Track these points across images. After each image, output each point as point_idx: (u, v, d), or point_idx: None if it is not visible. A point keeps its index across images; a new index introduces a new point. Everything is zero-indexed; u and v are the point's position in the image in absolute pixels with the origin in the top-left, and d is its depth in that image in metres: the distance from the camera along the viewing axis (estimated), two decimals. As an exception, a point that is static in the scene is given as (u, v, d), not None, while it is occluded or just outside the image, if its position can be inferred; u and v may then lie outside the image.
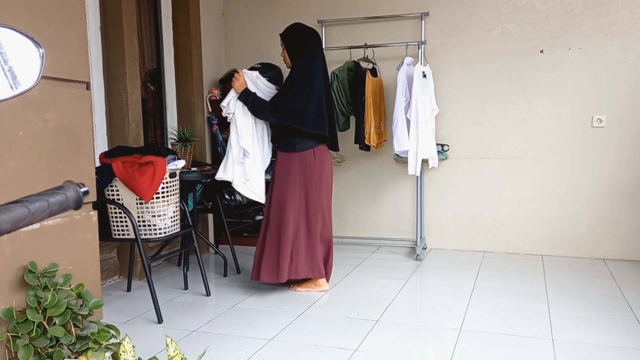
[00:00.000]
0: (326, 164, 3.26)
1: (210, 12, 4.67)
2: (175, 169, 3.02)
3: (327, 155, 3.29)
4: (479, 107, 4.28)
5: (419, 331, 2.72)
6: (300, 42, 3.21)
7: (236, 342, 2.55)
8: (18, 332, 1.79)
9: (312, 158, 3.20)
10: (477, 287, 3.41)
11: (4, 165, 1.85)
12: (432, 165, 4.12)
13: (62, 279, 1.95)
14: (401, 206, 4.55)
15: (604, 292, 3.28)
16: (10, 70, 0.80)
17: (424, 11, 4.29)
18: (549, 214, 4.21)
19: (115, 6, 3.49)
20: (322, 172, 3.22)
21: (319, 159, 3.21)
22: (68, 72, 2.09)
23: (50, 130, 2.01)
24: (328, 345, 2.51)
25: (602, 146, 4.04)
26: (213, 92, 4.58)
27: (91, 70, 3.26)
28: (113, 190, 2.87)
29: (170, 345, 1.71)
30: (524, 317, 2.85)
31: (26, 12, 1.90)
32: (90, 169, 2.24)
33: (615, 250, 4.09)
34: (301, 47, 3.20)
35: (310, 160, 3.19)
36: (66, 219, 2.08)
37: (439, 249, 4.48)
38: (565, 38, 4.05)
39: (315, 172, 3.20)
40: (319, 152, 3.22)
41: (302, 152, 3.19)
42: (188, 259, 3.57)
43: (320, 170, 3.21)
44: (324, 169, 3.24)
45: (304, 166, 3.19)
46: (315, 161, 3.20)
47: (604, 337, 2.57)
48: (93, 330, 1.91)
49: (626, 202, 4.04)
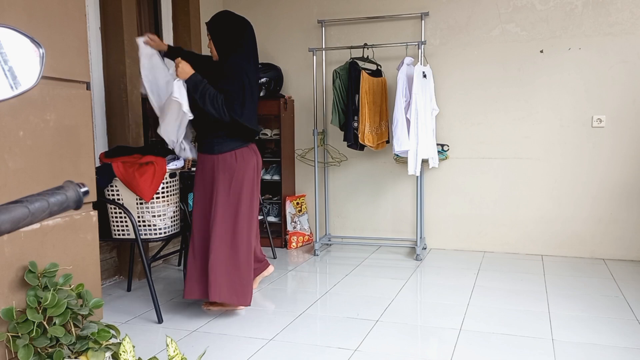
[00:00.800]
0: (248, 167, 2.86)
1: (210, 12, 4.65)
2: (175, 169, 3.02)
3: (250, 157, 2.89)
4: (479, 107, 4.28)
5: (419, 331, 2.72)
6: (233, 34, 2.83)
7: (236, 342, 2.55)
8: (18, 332, 1.79)
9: (233, 161, 2.83)
10: (477, 287, 3.41)
11: (4, 165, 1.85)
12: (432, 165, 4.12)
13: (62, 279, 1.95)
14: (401, 206, 4.55)
15: (604, 292, 3.28)
16: (10, 70, 0.80)
17: (424, 11, 4.29)
18: (549, 214, 4.21)
19: (115, 6, 3.49)
20: (243, 178, 2.84)
21: (240, 162, 2.84)
22: (68, 72, 2.09)
23: (50, 130, 2.01)
24: (328, 345, 2.51)
25: (602, 146, 4.04)
26: (213, 92, 4.58)
27: (91, 70, 3.26)
28: (113, 190, 2.87)
29: (170, 345, 1.71)
30: (524, 317, 2.85)
31: (26, 12, 1.90)
32: (90, 169, 2.24)
33: (615, 250, 4.09)
34: (236, 39, 2.82)
35: (231, 163, 2.83)
36: (66, 219, 2.08)
37: (439, 249, 4.48)
38: (565, 38, 4.05)
39: (235, 177, 2.82)
40: (241, 154, 2.85)
41: (222, 154, 2.83)
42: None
43: (242, 175, 2.84)
44: (246, 173, 2.85)
45: (224, 170, 2.82)
46: (236, 164, 2.83)
47: (604, 337, 2.57)
48: (93, 330, 1.91)
49: (626, 202, 4.04)
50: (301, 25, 4.61)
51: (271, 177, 4.64)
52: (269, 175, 4.66)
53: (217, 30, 2.86)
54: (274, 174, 4.65)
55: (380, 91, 4.19)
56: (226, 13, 2.92)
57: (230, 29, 2.84)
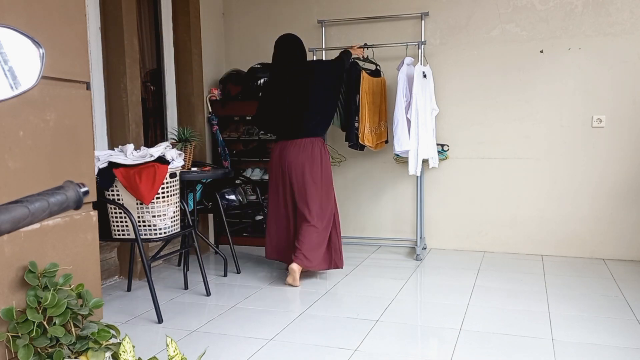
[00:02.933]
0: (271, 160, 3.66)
1: (210, 12, 4.67)
2: (175, 169, 3.02)
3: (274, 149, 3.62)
4: (479, 107, 4.28)
5: (419, 331, 2.72)
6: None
7: (236, 342, 2.55)
8: (18, 332, 1.79)
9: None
10: (477, 287, 3.41)
11: (4, 165, 1.85)
12: (433, 166, 4.12)
13: (62, 279, 1.95)
14: (401, 206, 4.55)
15: (604, 292, 3.28)
16: (10, 70, 0.80)
17: (424, 11, 4.29)
18: (549, 214, 4.21)
19: (115, 6, 3.49)
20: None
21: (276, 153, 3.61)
22: (68, 72, 2.09)
23: (50, 130, 2.01)
24: (328, 345, 2.51)
25: (602, 146, 4.04)
26: (213, 92, 4.59)
27: (91, 70, 3.26)
28: (113, 190, 2.87)
29: (170, 345, 1.71)
30: (524, 317, 2.85)
31: (26, 12, 1.90)
32: (90, 169, 2.23)
33: (615, 250, 4.09)
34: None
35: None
36: (66, 219, 2.08)
37: (439, 249, 4.48)
38: (565, 38, 4.05)
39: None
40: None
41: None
42: (188, 259, 3.57)
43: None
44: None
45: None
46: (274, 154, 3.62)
47: (604, 337, 2.58)
48: (93, 330, 1.91)
49: (626, 202, 4.04)
50: (301, 25, 4.60)
51: (271, 177, 4.64)
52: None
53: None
54: (274, 174, 4.64)
55: (380, 91, 4.19)
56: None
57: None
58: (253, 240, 4.65)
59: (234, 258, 3.88)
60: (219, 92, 4.61)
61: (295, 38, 3.59)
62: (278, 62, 3.59)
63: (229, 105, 4.57)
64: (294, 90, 3.51)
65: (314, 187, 3.48)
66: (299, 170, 3.48)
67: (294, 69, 3.54)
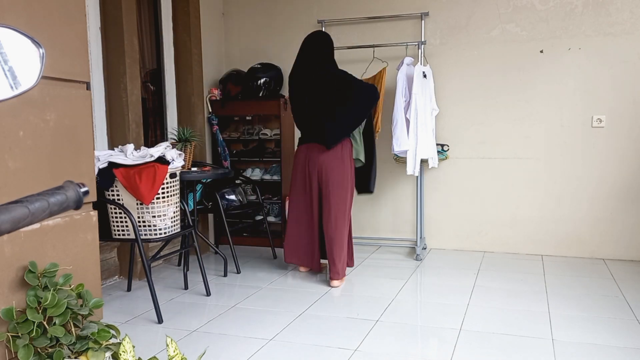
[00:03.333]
0: (296, 162, 3.64)
1: (210, 12, 4.67)
2: (175, 169, 3.02)
3: (297, 153, 3.63)
4: (479, 107, 4.28)
5: (419, 331, 2.72)
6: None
7: (236, 342, 2.55)
8: (18, 332, 1.79)
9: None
10: (477, 287, 3.41)
11: (4, 165, 1.85)
12: (432, 165, 4.12)
13: (62, 279, 1.95)
14: (401, 206, 4.55)
15: (604, 292, 3.28)
16: (10, 70, 0.80)
17: (424, 11, 4.29)
18: (549, 214, 4.21)
19: (115, 6, 3.49)
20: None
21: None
22: (68, 72, 2.09)
23: (50, 130, 2.01)
24: (328, 345, 2.51)
25: (602, 146, 4.04)
26: (213, 92, 4.59)
27: (91, 70, 3.26)
28: (113, 190, 2.87)
29: (170, 345, 1.71)
30: (524, 317, 2.85)
31: (26, 12, 1.90)
32: (90, 169, 2.23)
33: (615, 250, 4.09)
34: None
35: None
36: (66, 219, 2.08)
37: (439, 249, 4.48)
38: (565, 38, 4.05)
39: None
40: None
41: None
42: (188, 259, 3.57)
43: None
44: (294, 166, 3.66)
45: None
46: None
47: (604, 337, 2.58)
48: (93, 330, 1.91)
49: (626, 202, 4.04)
50: (301, 25, 4.60)
51: (271, 177, 4.65)
52: (269, 175, 4.66)
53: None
54: (274, 174, 4.65)
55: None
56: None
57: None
58: (253, 240, 4.66)
59: (234, 258, 3.88)
60: (219, 92, 4.61)
61: (324, 36, 3.54)
62: (306, 61, 3.50)
63: (229, 105, 4.57)
64: (326, 97, 3.43)
65: (340, 188, 3.46)
66: (326, 171, 3.45)
67: (330, 76, 3.45)
